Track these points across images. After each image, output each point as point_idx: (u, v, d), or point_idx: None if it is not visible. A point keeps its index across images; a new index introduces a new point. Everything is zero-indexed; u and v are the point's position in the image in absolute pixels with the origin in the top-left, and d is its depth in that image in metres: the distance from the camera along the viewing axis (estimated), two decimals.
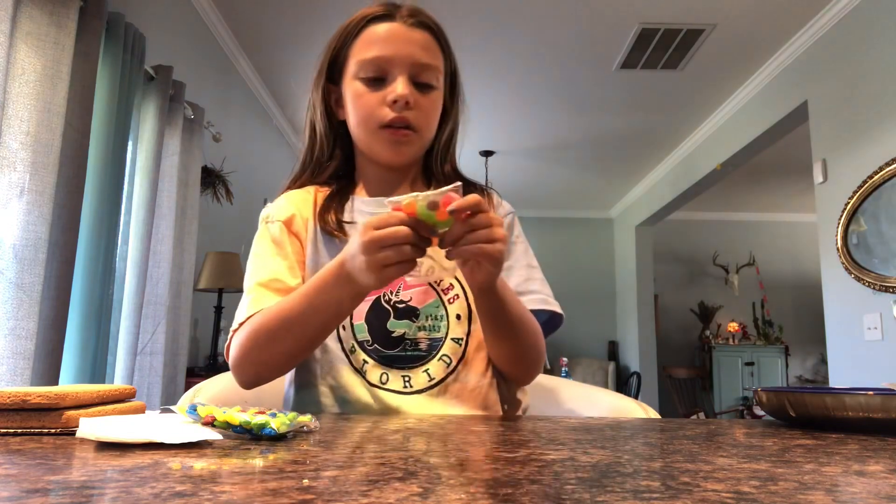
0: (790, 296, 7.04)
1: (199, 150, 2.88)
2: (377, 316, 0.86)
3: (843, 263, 2.96)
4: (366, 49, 0.87)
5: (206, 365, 3.18)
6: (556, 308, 0.92)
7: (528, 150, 5.34)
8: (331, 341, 0.86)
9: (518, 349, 0.85)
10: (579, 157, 5.52)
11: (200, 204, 2.96)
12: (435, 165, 0.97)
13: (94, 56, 2.03)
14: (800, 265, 7.07)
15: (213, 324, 3.21)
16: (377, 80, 0.86)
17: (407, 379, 0.85)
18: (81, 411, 0.52)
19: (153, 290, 2.51)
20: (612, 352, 7.04)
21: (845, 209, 2.96)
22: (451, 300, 0.88)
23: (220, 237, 3.47)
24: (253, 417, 0.48)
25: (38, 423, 0.50)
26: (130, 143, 2.38)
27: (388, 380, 0.85)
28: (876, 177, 2.79)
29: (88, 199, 2.07)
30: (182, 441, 0.43)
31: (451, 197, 0.64)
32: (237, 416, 0.48)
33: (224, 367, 0.86)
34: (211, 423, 0.48)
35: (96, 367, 2.05)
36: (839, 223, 2.99)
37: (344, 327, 0.86)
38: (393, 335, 0.86)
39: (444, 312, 0.88)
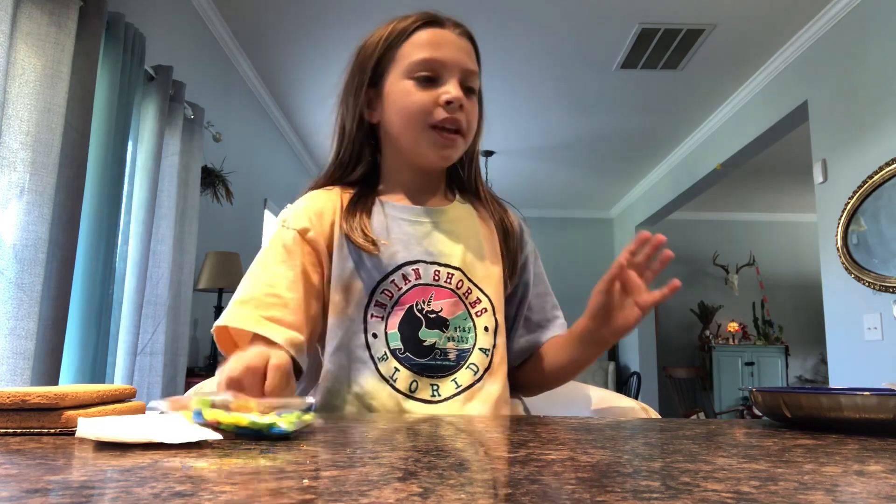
0: (790, 296, 7.04)
1: (199, 150, 2.88)
2: (410, 325, 0.87)
3: (843, 263, 2.96)
4: (419, 50, 0.88)
5: (206, 365, 3.18)
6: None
7: (528, 150, 5.34)
8: (358, 349, 0.86)
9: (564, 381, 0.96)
10: (579, 157, 5.52)
11: (200, 204, 2.96)
12: (465, 174, 1.00)
13: (94, 56, 2.03)
14: (800, 265, 7.07)
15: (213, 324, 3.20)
16: (429, 80, 0.88)
17: (435, 388, 0.86)
18: (81, 411, 0.52)
19: (153, 290, 2.51)
20: (612, 352, 7.03)
21: (845, 209, 2.96)
22: (479, 313, 0.90)
23: (220, 237, 3.48)
24: (261, 418, 0.48)
25: (37, 423, 0.50)
26: (130, 143, 2.38)
27: (417, 388, 0.85)
28: (876, 177, 2.79)
29: (88, 199, 2.07)
30: (182, 441, 0.43)
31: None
32: (245, 418, 0.48)
33: None
34: (216, 426, 0.48)
35: (96, 367, 2.05)
36: (839, 223, 2.99)
37: (375, 335, 0.86)
38: (424, 344, 0.86)
39: (471, 324, 0.89)
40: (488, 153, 5.33)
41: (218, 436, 0.46)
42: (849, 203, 2.94)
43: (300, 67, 3.94)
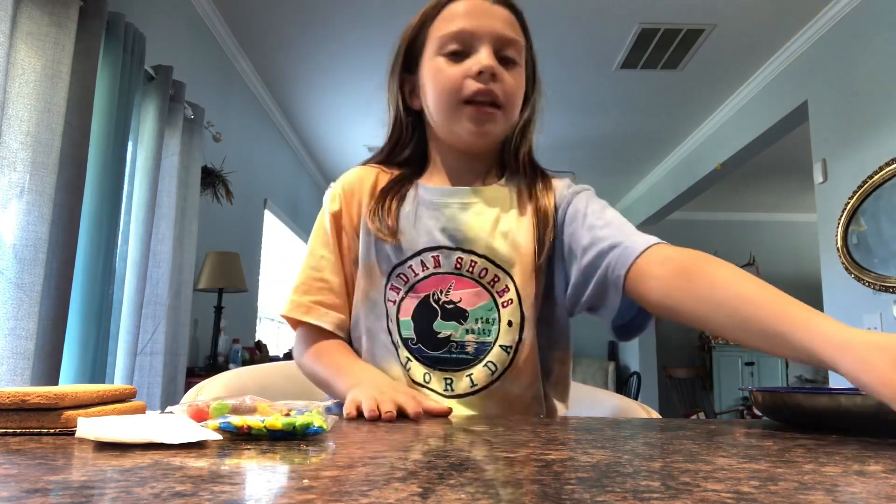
0: (790, 296, 7.04)
1: (199, 150, 2.88)
2: (424, 314, 0.83)
3: (843, 263, 2.96)
4: (447, 24, 0.83)
5: (206, 365, 3.18)
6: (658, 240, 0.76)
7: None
8: (382, 333, 0.85)
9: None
10: (579, 157, 5.52)
11: (200, 204, 2.96)
12: (508, 155, 0.91)
13: (94, 56, 2.03)
14: (800, 265, 7.07)
15: (213, 324, 3.21)
16: (459, 54, 0.82)
17: (449, 382, 0.83)
18: (81, 411, 0.51)
19: (153, 290, 2.51)
20: (612, 352, 7.04)
21: (845, 209, 2.96)
22: (506, 304, 0.83)
23: (220, 237, 3.48)
24: (296, 419, 0.48)
25: (36, 424, 0.50)
26: (130, 143, 2.38)
27: (430, 380, 0.83)
28: (876, 177, 2.79)
29: (88, 199, 2.07)
30: (182, 441, 0.43)
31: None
32: (278, 420, 0.48)
33: (223, 367, 0.87)
34: (248, 431, 0.48)
35: (96, 367, 2.05)
36: (839, 223, 2.99)
37: (391, 320, 0.85)
38: (438, 336, 0.83)
39: (496, 316, 0.83)
40: None
41: (218, 436, 0.46)
42: (849, 203, 2.94)
43: (300, 67, 3.94)
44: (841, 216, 2.98)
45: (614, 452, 0.43)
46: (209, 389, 0.93)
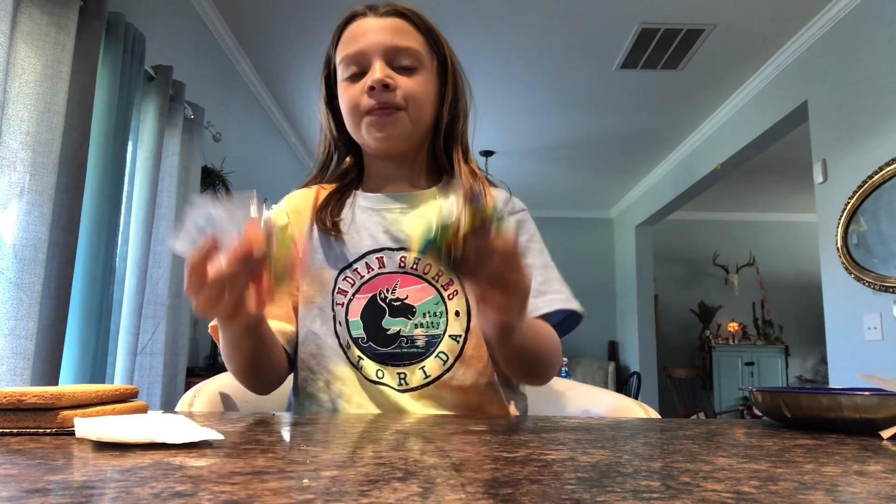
0: (790, 296, 7.04)
1: (199, 150, 2.88)
2: (372, 313, 0.86)
3: (843, 263, 2.96)
4: (343, 50, 0.89)
5: (206, 365, 3.18)
6: (577, 307, 0.88)
7: (528, 150, 5.34)
8: (328, 337, 0.87)
9: (536, 367, 0.82)
10: (579, 157, 5.52)
11: None
12: (441, 159, 0.95)
13: (94, 56, 2.03)
14: (800, 265, 7.07)
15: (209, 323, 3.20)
16: (359, 74, 0.88)
17: (402, 376, 0.85)
18: (79, 411, 0.51)
19: (153, 290, 2.51)
20: (612, 352, 7.04)
21: (845, 209, 2.96)
22: (451, 296, 0.86)
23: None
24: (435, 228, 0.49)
25: (33, 423, 0.49)
26: (130, 143, 2.38)
27: (383, 376, 0.85)
28: (876, 177, 2.79)
29: (88, 199, 2.07)
30: (182, 441, 0.43)
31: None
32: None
33: (223, 367, 0.86)
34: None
35: (96, 367, 2.05)
36: (839, 223, 2.99)
37: (340, 323, 0.87)
38: (387, 333, 0.85)
39: (444, 309, 0.86)
40: (488, 153, 5.33)
41: (218, 435, 0.46)
42: (849, 203, 2.94)
43: (300, 67, 3.94)
44: (841, 216, 2.98)
45: (614, 452, 0.43)
46: (209, 389, 0.93)
